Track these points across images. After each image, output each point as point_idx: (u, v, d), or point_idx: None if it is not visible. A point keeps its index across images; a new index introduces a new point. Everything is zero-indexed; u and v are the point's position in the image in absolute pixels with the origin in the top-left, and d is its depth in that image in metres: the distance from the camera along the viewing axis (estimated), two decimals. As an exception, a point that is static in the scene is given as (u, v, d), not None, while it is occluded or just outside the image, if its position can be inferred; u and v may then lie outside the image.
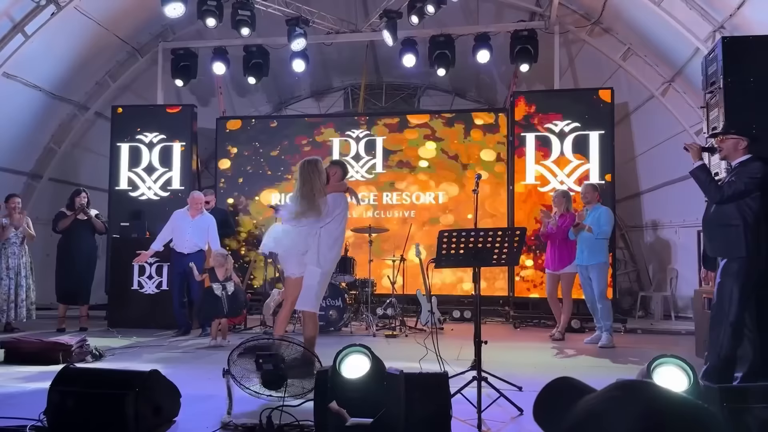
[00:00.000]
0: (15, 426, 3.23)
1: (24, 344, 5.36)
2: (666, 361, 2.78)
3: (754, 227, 4.08)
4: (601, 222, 6.65)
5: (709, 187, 4.26)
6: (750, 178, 4.08)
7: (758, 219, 4.08)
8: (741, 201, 4.10)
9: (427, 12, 8.38)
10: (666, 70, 8.32)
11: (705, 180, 4.27)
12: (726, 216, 4.18)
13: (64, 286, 7.49)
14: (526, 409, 3.63)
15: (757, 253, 4.08)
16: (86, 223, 7.54)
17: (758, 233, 4.09)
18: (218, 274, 6.51)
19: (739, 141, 4.26)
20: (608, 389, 1.38)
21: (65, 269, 7.46)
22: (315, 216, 4.70)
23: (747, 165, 4.17)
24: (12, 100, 8.59)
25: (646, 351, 6.15)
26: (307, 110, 12.27)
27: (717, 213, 4.28)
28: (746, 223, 4.08)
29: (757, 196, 4.09)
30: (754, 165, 4.12)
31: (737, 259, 4.13)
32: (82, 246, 7.53)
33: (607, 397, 1.35)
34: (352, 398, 2.91)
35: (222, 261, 6.55)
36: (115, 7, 8.83)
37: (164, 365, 4.97)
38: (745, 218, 4.09)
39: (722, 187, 4.20)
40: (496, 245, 3.78)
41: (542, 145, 8.60)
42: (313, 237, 4.76)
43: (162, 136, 9.44)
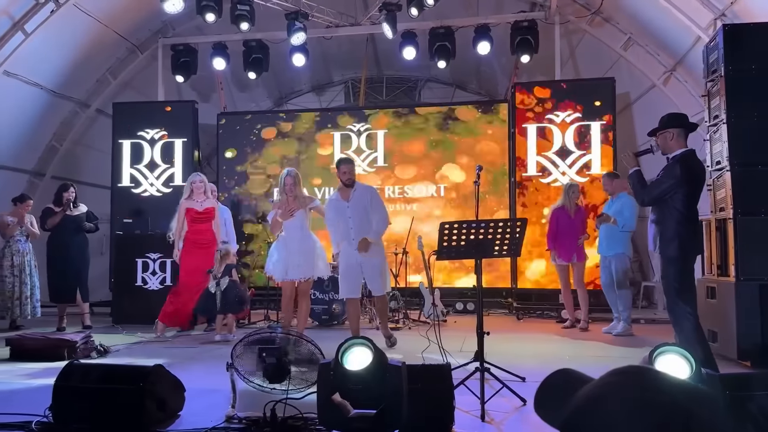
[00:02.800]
0: (21, 422, 3.25)
1: (29, 341, 5.39)
2: (668, 350, 2.78)
3: (681, 225, 4.22)
4: (624, 214, 6.62)
5: (637, 191, 4.50)
6: (670, 180, 4.23)
7: (684, 218, 4.22)
8: (667, 202, 4.26)
9: (426, 4, 8.34)
10: (667, 59, 8.29)
11: (636, 185, 4.48)
12: (659, 214, 4.37)
13: (54, 285, 7.23)
14: (529, 399, 3.63)
15: (685, 250, 4.24)
16: (75, 220, 7.30)
17: (685, 231, 4.23)
18: (216, 269, 6.44)
19: (667, 134, 4.38)
20: (606, 375, 1.38)
21: (55, 267, 7.21)
22: None
23: (671, 166, 4.29)
24: (13, 98, 8.59)
25: (649, 340, 6.16)
26: (307, 105, 12.27)
27: (654, 210, 4.48)
28: (672, 223, 4.24)
29: (681, 195, 4.22)
30: (675, 167, 4.24)
31: (666, 256, 4.30)
32: (72, 243, 7.26)
33: (604, 383, 1.35)
34: (355, 390, 2.92)
35: (218, 256, 6.47)
36: (114, 4, 8.83)
37: (168, 360, 5.00)
38: (673, 218, 4.24)
39: (644, 194, 4.41)
40: (497, 236, 3.79)
41: (543, 137, 8.59)
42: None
43: (163, 132, 9.45)
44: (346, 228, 5.65)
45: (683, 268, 4.28)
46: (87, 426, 3.14)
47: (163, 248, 7.73)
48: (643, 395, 1.19)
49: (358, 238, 5.55)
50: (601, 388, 1.33)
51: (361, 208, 5.61)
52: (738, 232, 5.17)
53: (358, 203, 5.62)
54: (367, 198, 5.65)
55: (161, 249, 7.73)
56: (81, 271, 7.31)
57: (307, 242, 5.87)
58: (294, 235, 5.83)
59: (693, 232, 4.32)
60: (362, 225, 5.61)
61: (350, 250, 5.61)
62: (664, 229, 4.31)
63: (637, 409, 1.20)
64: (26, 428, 3.18)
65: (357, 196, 5.66)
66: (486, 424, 3.29)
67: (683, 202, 4.23)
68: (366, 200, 5.63)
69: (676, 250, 4.25)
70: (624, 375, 1.30)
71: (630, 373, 1.34)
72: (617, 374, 1.34)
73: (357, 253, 5.54)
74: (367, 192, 5.74)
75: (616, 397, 1.26)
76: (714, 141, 5.69)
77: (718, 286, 5.44)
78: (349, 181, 5.69)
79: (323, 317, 7.40)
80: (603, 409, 1.28)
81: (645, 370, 1.31)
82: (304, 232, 5.88)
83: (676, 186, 4.22)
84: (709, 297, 5.56)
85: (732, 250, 5.23)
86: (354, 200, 5.64)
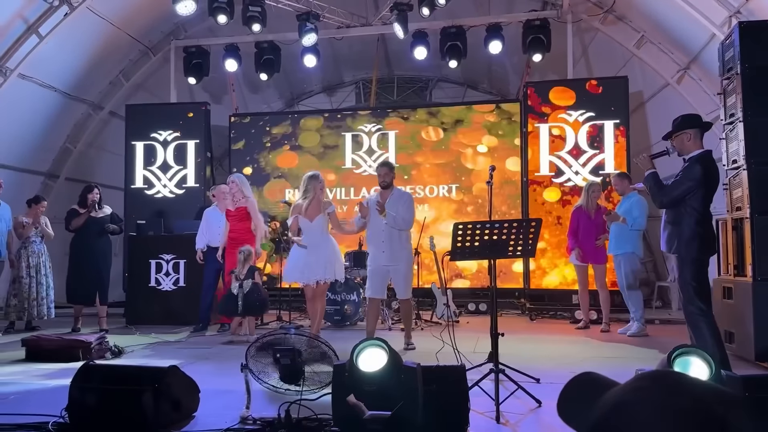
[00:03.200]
0: (37, 422, 3.27)
1: (44, 342, 5.42)
2: (687, 351, 2.74)
3: (698, 225, 4.24)
4: (633, 213, 6.60)
5: (654, 193, 4.49)
6: (690, 181, 4.25)
7: (702, 218, 4.25)
8: (685, 203, 4.28)
9: (438, 3, 8.33)
10: (681, 57, 8.22)
11: (653, 188, 4.48)
12: (674, 215, 4.37)
13: (75, 286, 7.13)
14: (544, 400, 3.62)
15: (700, 250, 4.26)
16: (99, 222, 7.18)
17: (702, 231, 4.25)
18: (239, 271, 6.44)
19: (684, 135, 4.40)
20: (632, 381, 1.34)
21: (77, 269, 7.11)
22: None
23: (691, 167, 4.30)
24: (28, 101, 8.67)
25: (664, 341, 6.11)
26: (318, 105, 12.29)
27: (668, 211, 4.48)
28: (689, 223, 4.26)
29: (699, 196, 4.24)
30: (695, 167, 4.26)
31: (681, 256, 4.32)
32: (96, 245, 7.14)
33: (631, 389, 1.31)
34: (370, 391, 2.91)
35: (242, 258, 6.46)
36: (127, 6, 8.88)
37: (183, 361, 5.02)
38: (689, 218, 4.26)
39: (662, 195, 4.40)
40: (512, 237, 3.76)
41: (556, 136, 8.55)
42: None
43: (176, 134, 9.50)
44: (378, 229, 5.76)
45: (702, 268, 4.28)
46: (103, 427, 3.15)
47: (176, 249, 7.78)
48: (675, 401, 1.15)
49: (387, 240, 5.70)
50: (629, 394, 1.29)
51: (395, 211, 5.72)
52: (755, 231, 5.10)
53: (392, 207, 5.74)
54: (400, 202, 5.79)
55: (174, 250, 7.78)
56: (102, 274, 7.19)
57: (327, 245, 5.94)
58: (314, 238, 5.90)
59: (711, 231, 4.32)
60: (393, 229, 5.73)
61: (378, 252, 5.76)
62: (682, 229, 4.30)
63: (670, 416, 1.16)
64: (43, 429, 3.20)
65: (393, 199, 5.80)
66: (501, 425, 3.27)
67: (701, 202, 4.25)
68: (400, 204, 5.77)
69: (695, 250, 4.26)
70: (652, 380, 1.26)
71: (659, 377, 1.29)
72: (645, 379, 1.29)
73: (385, 255, 5.70)
74: (402, 197, 5.88)
75: (646, 403, 1.22)
76: (730, 139, 5.63)
77: (734, 286, 5.38)
78: (384, 184, 5.84)
79: (335, 318, 7.40)
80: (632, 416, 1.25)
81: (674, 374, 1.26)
82: (323, 235, 5.95)
83: (696, 187, 4.24)
84: (725, 297, 5.50)
85: (749, 250, 5.17)
86: (390, 203, 5.76)
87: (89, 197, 7.11)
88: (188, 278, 7.74)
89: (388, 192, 5.84)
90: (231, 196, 6.78)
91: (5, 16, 7.68)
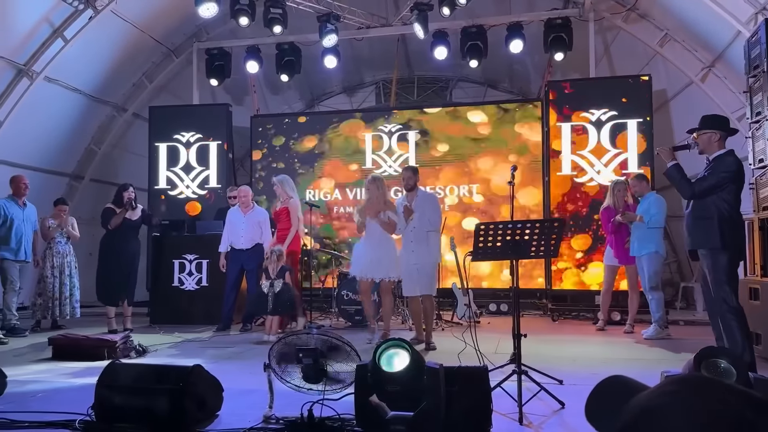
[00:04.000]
0: (65, 420, 3.32)
1: (71, 341, 5.51)
2: (713, 354, 2.71)
3: (728, 219, 4.20)
4: (651, 211, 6.57)
5: (681, 184, 4.43)
6: (724, 173, 4.21)
7: (733, 211, 4.21)
8: (716, 195, 4.24)
9: (458, 3, 8.30)
10: (705, 55, 8.10)
11: (677, 178, 4.44)
12: (702, 209, 4.31)
13: (107, 286, 7.11)
14: (567, 402, 3.60)
15: (733, 243, 4.22)
16: (133, 224, 7.19)
17: (733, 224, 4.22)
18: (270, 271, 6.48)
19: (712, 135, 4.37)
20: (661, 385, 1.31)
21: (109, 269, 7.06)
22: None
23: (722, 159, 4.28)
24: (53, 103, 8.81)
25: (688, 343, 6.03)
26: (339, 106, 12.31)
27: (695, 207, 4.41)
28: (721, 216, 4.21)
29: (732, 189, 4.21)
30: (728, 160, 4.24)
31: (714, 249, 4.26)
32: (128, 245, 7.13)
33: (660, 393, 1.28)
34: (392, 392, 2.91)
35: (274, 258, 6.51)
36: (150, 9, 8.99)
37: (207, 360, 5.06)
38: (721, 211, 4.21)
39: (693, 184, 4.35)
40: (534, 237, 3.74)
41: (578, 135, 8.47)
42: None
43: (198, 135, 9.59)
44: (406, 230, 6.01)
45: (734, 265, 4.25)
46: (128, 425, 3.19)
47: (199, 249, 7.85)
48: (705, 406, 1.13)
49: (416, 240, 5.92)
50: (658, 398, 1.26)
51: (421, 213, 5.94)
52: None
53: (417, 208, 5.97)
54: (426, 204, 6.02)
55: (197, 250, 7.86)
56: (132, 275, 7.19)
57: (387, 244, 6.18)
58: (374, 237, 6.16)
59: (741, 227, 4.30)
60: (421, 228, 5.93)
61: (408, 252, 5.99)
62: (714, 223, 4.24)
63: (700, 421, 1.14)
64: (70, 426, 3.25)
65: (419, 200, 6.03)
66: (524, 427, 3.25)
67: (735, 195, 4.21)
68: (425, 206, 5.99)
69: (729, 245, 4.21)
70: (682, 384, 1.23)
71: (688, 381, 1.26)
72: (674, 383, 1.26)
73: (414, 254, 5.91)
74: (428, 199, 6.13)
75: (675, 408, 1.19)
76: (756, 138, 5.55)
77: (761, 287, 5.28)
78: (409, 186, 6.09)
79: (356, 318, 7.41)
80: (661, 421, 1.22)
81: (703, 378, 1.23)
82: (384, 234, 6.16)
83: (729, 179, 4.21)
84: (752, 298, 5.41)
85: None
86: (416, 205, 6.00)
87: (125, 195, 7.08)
88: (211, 278, 7.81)
89: (413, 194, 6.07)
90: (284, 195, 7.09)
91: (31, 20, 7.81)
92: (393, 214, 6.07)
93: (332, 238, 9.73)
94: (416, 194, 6.06)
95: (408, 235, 5.99)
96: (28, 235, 7.22)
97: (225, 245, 7.29)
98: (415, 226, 5.93)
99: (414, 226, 5.94)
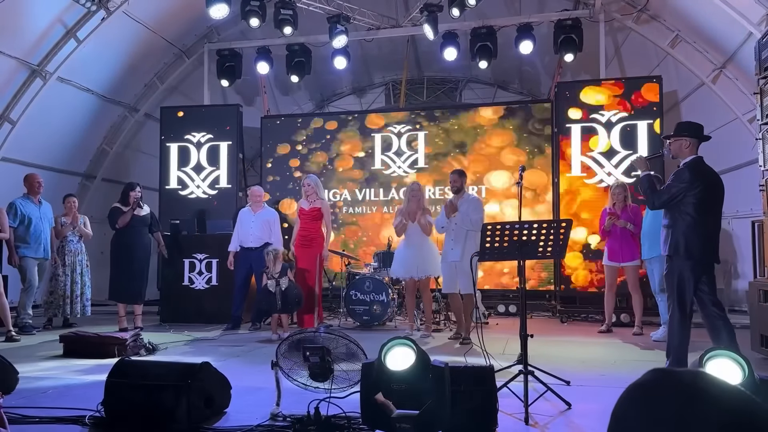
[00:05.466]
0: (75, 416, 3.35)
1: (81, 338, 5.55)
2: (719, 354, 2.69)
3: (690, 229, 4.27)
4: (638, 219, 6.77)
5: (647, 194, 4.52)
6: (678, 185, 4.30)
7: (694, 221, 4.26)
8: (678, 206, 4.32)
9: (468, 4, 8.31)
10: (716, 57, 8.07)
11: (645, 188, 4.52)
12: (668, 218, 4.43)
13: (120, 285, 7.06)
14: (574, 403, 3.59)
15: (687, 252, 4.29)
16: (141, 220, 7.17)
17: (695, 233, 4.27)
18: (272, 270, 6.54)
19: (684, 141, 4.44)
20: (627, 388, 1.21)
21: (121, 267, 7.04)
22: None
23: (681, 171, 4.36)
24: (66, 103, 8.91)
25: (698, 344, 5.99)
26: (348, 107, 12.35)
27: (663, 215, 4.52)
28: (682, 225, 4.30)
29: (690, 199, 4.27)
30: (683, 173, 4.32)
31: (674, 256, 4.35)
32: (138, 243, 7.12)
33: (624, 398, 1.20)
34: (398, 390, 2.92)
35: (271, 258, 6.58)
36: (162, 10, 9.07)
37: (215, 358, 5.09)
38: (683, 220, 4.29)
39: (654, 196, 4.45)
40: (541, 238, 3.75)
41: (588, 136, 8.45)
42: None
43: (209, 135, 9.65)
44: (449, 228, 6.30)
45: (693, 269, 4.30)
46: (137, 421, 3.23)
47: (209, 249, 7.90)
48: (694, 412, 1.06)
49: (456, 239, 6.22)
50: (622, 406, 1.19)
51: (465, 215, 6.21)
52: (793, 233, 4.99)
53: (461, 208, 6.26)
54: (470, 205, 6.29)
55: (207, 249, 7.91)
56: (144, 273, 7.20)
57: (426, 245, 6.63)
58: (414, 238, 6.61)
59: (704, 237, 4.30)
60: (462, 227, 6.19)
61: (447, 249, 6.30)
62: (675, 232, 4.34)
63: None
64: (80, 422, 3.29)
65: (463, 202, 6.32)
66: (530, 427, 3.25)
67: (694, 206, 4.26)
68: (469, 207, 6.26)
69: (675, 250, 4.32)
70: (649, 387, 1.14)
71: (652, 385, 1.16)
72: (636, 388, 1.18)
73: (453, 252, 6.20)
74: (472, 201, 6.37)
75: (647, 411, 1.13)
76: (766, 140, 5.51)
77: (771, 289, 5.26)
78: (454, 189, 6.43)
79: (364, 318, 7.43)
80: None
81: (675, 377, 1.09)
82: (422, 236, 6.60)
83: (685, 190, 4.27)
84: (762, 301, 5.38)
85: (786, 252, 5.06)
86: (461, 205, 6.28)
87: (131, 195, 7.10)
88: (221, 277, 7.86)
89: (459, 196, 6.40)
90: (305, 195, 7.24)
91: (45, 21, 7.90)
92: (430, 218, 6.56)
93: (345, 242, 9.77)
94: (462, 196, 6.37)
95: (449, 233, 6.30)
96: (46, 233, 7.30)
97: (235, 244, 7.36)
98: (457, 223, 6.21)
99: (456, 224, 6.22)
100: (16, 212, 7.03)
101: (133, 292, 7.11)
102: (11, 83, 8.14)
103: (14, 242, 6.97)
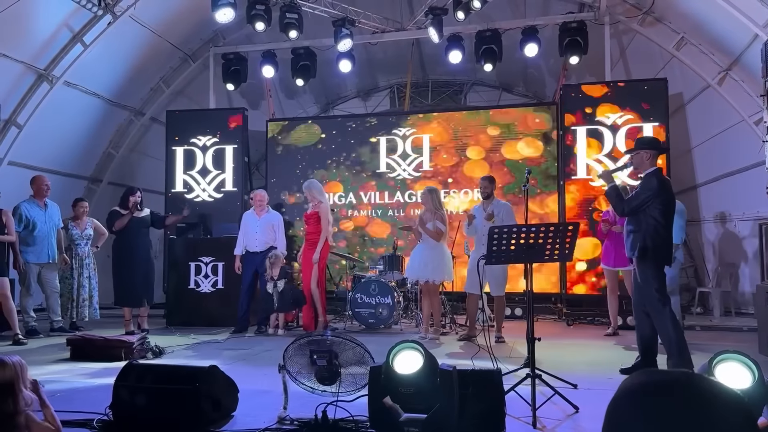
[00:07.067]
0: (83, 419, 3.37)
1: (89, 342, 5.58)
2: (728, 357, 2.67)
3: (654, 233, 4.56)
4: None
5: (616, 203, 4.83)
6: (646, 192, 4.60)
7: (660, 225, 4.56)
8: (643, 211, 4.61)
9: (473, 7, 8.31)
10: (722, 59, 8.04)
11: (613, 197, 4.83)
12: (634, 224, 4.70)
13: (124, 289, 7.06)
14: (581, 406, 3.59)
15: (655, 254, 4.58)
16: (141, 221, 7.13)
17: (658, 237, 4.56)
18: (271, 272, 6.94)
19: (644, 154, 4.73)
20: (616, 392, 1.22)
21: (124, 271, 7.01)
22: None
23: (648, 180, 4.66)
24: (73, 107, 8.94)
25: (705, 348, 5.97)
26: (353, 110, 12.35)
27: (629, 221, 4.81)
28: (647, 229, 4.58)
29: (656, 205, 4.56)
30: (651, 181, 4.62)
31: (640, 258, 4.63)
32: (139, 244, 7.08)
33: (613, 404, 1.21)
34: (406, 393, 2.93)
35: (273, 261, 7.00)
36: (168, 15, 9.09)
37: (222, 361, 5.10)
38: (648, 225, 4.58)
39: (624, 203, 4.74)
40: (548, 241, 3.74)
41: (594, 139, 8.44)
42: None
43: (215, 139, 9.67)
44: (481, 233, 6.29)
45: (659, 273, 4.61)
46: (145, 424, 3.24)
47: (215, 252, 7.92)
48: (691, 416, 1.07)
49: (487, 243, 6.17)
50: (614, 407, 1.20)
51: (499, 218, 6.36)
52: (799, 236, 4.98)
53: (495, 214, 6.42)
54: (502, 210, 6.48)
55: (213, 253, 7.93)
56: (148, 275, 7.17)
57: (438, 250, 6.65)
58: (428, 243, 6.66)
59: (666, 239, 4.63)
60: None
61: (477, 252, 6.30)
62: (639, 236, 4.61)
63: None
64: (88, 426, 3.30)
65: (495, 207, 6.50)
66: (537, 430, 3.25)
67: (660, 211, 4.55)
68: (502, 212, 6.45)
69: (644, 252, 4.58)
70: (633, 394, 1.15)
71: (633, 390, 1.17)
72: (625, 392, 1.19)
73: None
74: (503, 207, 6.57)
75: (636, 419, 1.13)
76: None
77: (779, 292, 5.24)
78: (484, 194, 6.63)
79: (370, 321, 7.43)
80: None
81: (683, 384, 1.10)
82: (435, 241, 6.63)
83: (653, 196, 4.55)
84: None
85: (793, 255, 5.05)
86: (496, 213, 6.44)
87: (131, 199, 7.08)
88: (227, 280, 7.88)
89: (489, 202, 6.59)
90: (315, 200, 7.36)
91: (51, 25, 7.93)
92: (441, 224, 6.60)
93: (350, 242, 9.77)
94: (491, 202, 6.56)
95: (481, 238, 6.24)
96: (51, 236, 7.29)
97: (240, 248, 7.39)
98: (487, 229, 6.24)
99: (487, 230, 6.21)
100: (20, 216, 7.04)
101: (137, 296, 7.08)
102: (18, 88, 8.17)
103: (18, 246, 6.99)
